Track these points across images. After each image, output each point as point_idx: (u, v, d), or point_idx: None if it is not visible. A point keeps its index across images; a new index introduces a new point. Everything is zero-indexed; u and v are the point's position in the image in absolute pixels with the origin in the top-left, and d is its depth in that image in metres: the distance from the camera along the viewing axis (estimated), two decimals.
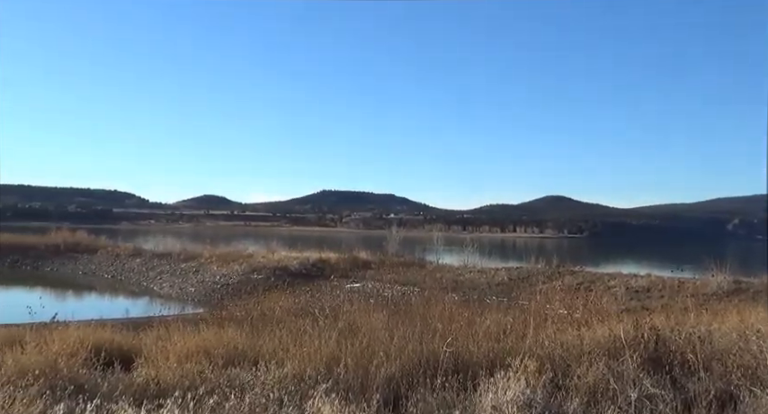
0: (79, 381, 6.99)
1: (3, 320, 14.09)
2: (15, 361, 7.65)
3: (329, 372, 7.00)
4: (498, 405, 5.49)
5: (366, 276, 35.49)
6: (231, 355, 8.27)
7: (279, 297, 19.96)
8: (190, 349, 8.39)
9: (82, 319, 12.88)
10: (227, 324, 11.54)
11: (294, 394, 6.24)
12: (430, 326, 8.83)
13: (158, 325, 11.66)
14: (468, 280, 32.72)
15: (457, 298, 19.92)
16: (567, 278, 30.59)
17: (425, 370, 6.85)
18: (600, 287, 26.58)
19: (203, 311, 24.21)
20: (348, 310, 13.49)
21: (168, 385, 6.85)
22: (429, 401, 5.88)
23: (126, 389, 6.71)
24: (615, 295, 24.52)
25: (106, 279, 41.50)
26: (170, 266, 41.37)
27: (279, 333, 9.55)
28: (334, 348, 7.65)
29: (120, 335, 10.25)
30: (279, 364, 7.44)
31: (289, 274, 36.06)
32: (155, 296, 34.67)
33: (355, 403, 5.82)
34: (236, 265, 38.60)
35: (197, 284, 36.87)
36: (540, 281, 30.20)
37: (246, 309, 17.25)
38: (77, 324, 11.08)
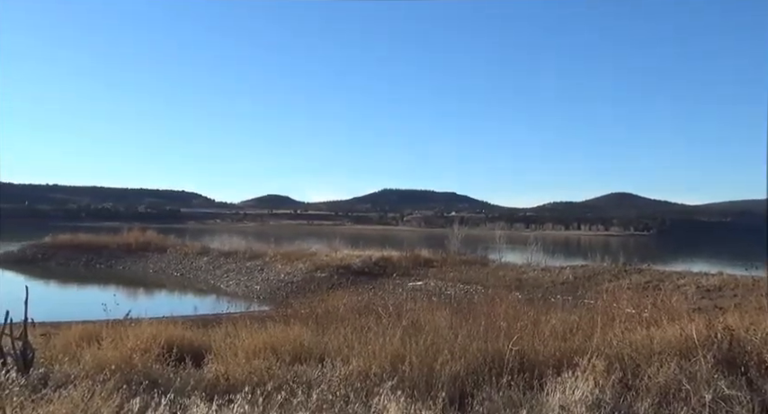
0: (153, 375, 7.22)
1: (80, 317, 14.60)
2: (93, 356, 7.96)
3: (394, 369, 7.03)
4: (566, 405, 5.42)
5: (428, 275, 35.43)
6: (297, 351, 8.39)
7: (342, 295, 20.11)
8: (257, 346, 8.54)
9: (154, 316, 13.27)
10: (292, 321, 11.70)
11: (360, 391, 6.30)
12: (494, 324, 8.76)
13: (226, 322, 11.89)
14: (532, 278, 32.32)
15: (520, 296, 19.72)
16: (635, 277, 29.89)
17: (490, 368, 6.82)
18: (669, 286, 25.87)
19: (269, 309, 24.63)
20: (411, 308, 13.51)
21: (237, 381, 7.00)
22: (495, 400, 5.85)
23: (197, 384, 6.90)
24: (685, 294, 23.79)
25: (175, 277, 42.60)
26: (236, 265, 42.17)
27: (343, 330, 9.63)
28: (398, 346, 7.68)
29: (190, 331, 10.50)
30: (344, 362, 7.52)
31: (351, 273, 36.32)
32: (221, 294, 35.45)
33: (421, 401, 5.83)
34: (299, 263, 39.08)
35: (262, 282, 37.49)
36: (607, 279, 29.61)
37: (311, 306, 17.45)
38: (150, 321, 11.42)
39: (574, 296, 22.49)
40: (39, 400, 5.91)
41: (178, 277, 42.48)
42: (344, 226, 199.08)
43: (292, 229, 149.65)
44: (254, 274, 39.57)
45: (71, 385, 6.40)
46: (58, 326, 12.50)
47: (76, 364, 7.80)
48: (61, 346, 9.35)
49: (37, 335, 9.20)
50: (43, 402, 5.78)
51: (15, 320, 7.98)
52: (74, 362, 8.02)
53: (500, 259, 40.25)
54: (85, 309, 18.44)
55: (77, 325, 11.57)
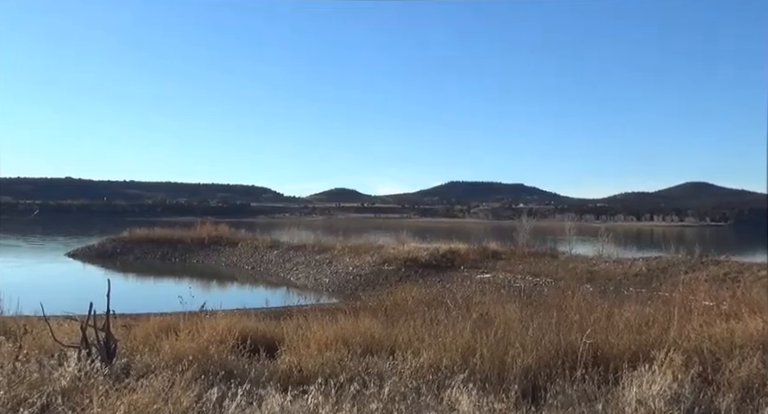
0: (228, 366, 7.40)
1: (157, 309, 15.06)
2: (171, 347, 8.21)
3: (465, 362, 7.01)
4: (643, 399, 5.30)
5: (496, 267, 35.10)
6: (368, 343, 8.45)
7: (410, 288, 20.14)
8: (329, 338, 8.64)
9: (227, 309, 13.59)
10: (362, 314, 11.79)
11: (431, 383, 6.31)
12: (566, 317, 8.64)
13: (297, 314, 12.05)
14: (603, 270, 31.62)
15: (592, 289, 19.35)
16: (712, 268, 28.87)
17: (563, 362, 6.73)
18: (748, 278, 24.89)
19: (338, 301, 24.91)
20: (480, 300, 13.45)
21: (310, 372, 7.11)
22: (569, 394, 5.77)
23: (271, 375, 7.04)
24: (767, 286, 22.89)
25: (246, 270, 43.47)
26: (305, 258, 42.71)
27: (413, 323, 9.65)
28: (468, 339, 7.65)
29: (263, 323, 10.71)
30: (415, 354, 7.53)
31: (419, 266, 36.27)
32: (291, 286, 36.00)
33: (493, 394, 5.80)
34: (367, 256, 39.29)
35: (331, 275, 37.89)
36: (682, 271, 28.70)
37: (380, 299, 17.56)
38: (224, 313, 11.70)
39: (648, 288, 21.91)
40: (122, 389, 6.14)
41: (249, 270, 43.33)
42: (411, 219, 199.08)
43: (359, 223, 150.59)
44: (322, 267, 40.01)
45: (152, 375, 6.62)
46: (137, 317, 12.90)
47: (156, 355, 8.07)
48: (141, 337, 9.67)
49: (118, 326, 9.54)
50: (126, 391, 5.99)
51: (98, 312, 8.31)
52: (153, 352, 8.30)
53: (570, 251, 39.52)
54: (162, 301, 19.02)
55: (155, 317, 11.94)
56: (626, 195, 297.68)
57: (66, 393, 6.05)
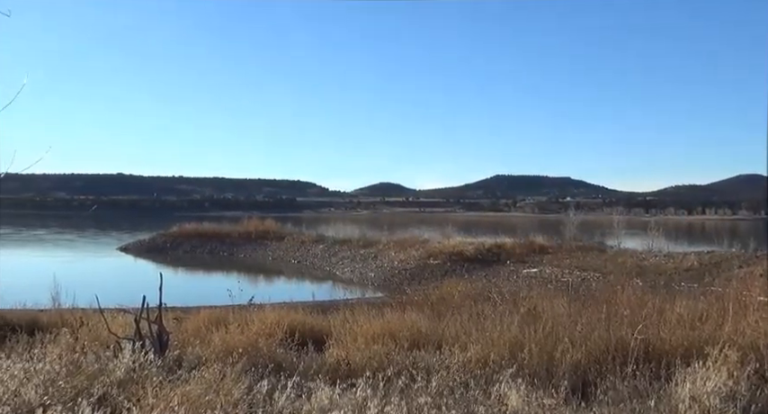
0: (277, 359, 7.50)
1: (207, 302, 15.35)
2: (221, 339, 8.36)
3: (513, 357, 6.97)
4: (697, 396, 5.19)
5: (543, 261, 34.75)
6: (415, 338, 8.47)
7: (456, 282, 20.10)
8: (375, 332, 8.68)
9: (275, 302, 13.78)
10: (408, 308, 11.82)
11: (479, 378, 6.30)
12: (616, 312, 8.50)
13: (343, 308, 12.15)
14: (653, 265, 31.03)
15: (641, 284, 19.02)
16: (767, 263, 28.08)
17: (614, 357, 6.64)
18: None
19: (383, 296, 25.00)
20: (527, 295, 13.35)
21: (357, 366, 7.16)
22: (620, 390, 5.69)
23: (319, 368, 7.11)
24: None
25: (293, 264, 43.90)
26: (350, 252, 42.91)
27: (460, 317, 9.64)
28: (516, 333, 7.61)
29: (310, 317, 10.81)
30: (462, 348, 7.52)
31: (464, 260, 36.12)
32: (337, 281, 36.25)
33: (542, 389, 5.75)
34: (412, 250, 39.29)
35: (376, 270, 38.00)
36: (736, 266, 27.98)
37: (425, 293, 17.58)
38: (272, 306, 11.86)
39: (700, 284, 21.45)
40: (175, 380, 6.28)
41: (295, 264, 43.75)
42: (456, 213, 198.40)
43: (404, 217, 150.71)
44: (367, 261, 40.16)
45: (203, 367, 6.74)
46: (188, 310, 13.16)
47: (206, 347, 8.22)
48: (192, 329, 9.87)
49: (170, 319, 9.76)
50: (179, 383, 6.13)
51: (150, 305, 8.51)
52: (204, 345, 8.45)
53: (618, 245, 38.87)
54: (211, 294, 19.42)
55: (205, 310, 12.19)
56: (677, 188, 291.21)
57: (122, 384, 6.21)
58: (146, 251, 49.98)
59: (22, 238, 66.71)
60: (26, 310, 13.31)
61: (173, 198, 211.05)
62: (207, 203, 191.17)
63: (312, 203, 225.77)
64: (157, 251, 49.63)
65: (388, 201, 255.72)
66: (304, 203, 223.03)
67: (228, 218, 65.87)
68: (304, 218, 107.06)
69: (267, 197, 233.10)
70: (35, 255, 48.57)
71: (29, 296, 14.74)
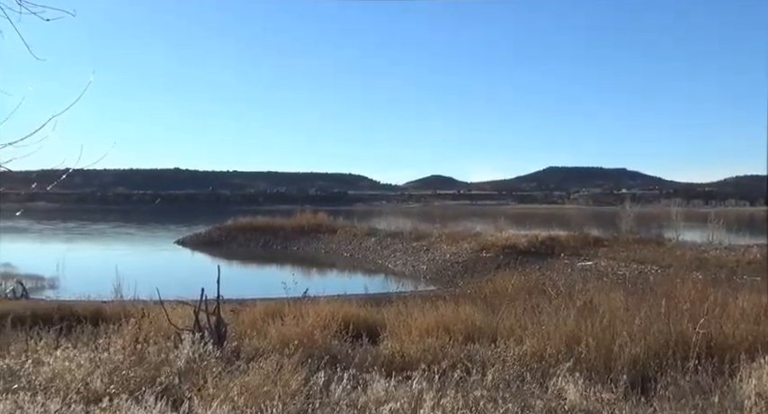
0: (333, 351, 7.58)
1: (262, 294, 15.57)
2: (278, 331, 8.48)
3: (569, 350, 6.89)
4: (764, 392, 5.05)
5: (598, 254, 34.17)
6: (469, 330, 8.44)
7: (510, 275, 19.93)
8: (429, 324, 8.69)
9: (329, 295, 13.92)
10: (462, 301, 11.78)
11: (535, 372, 6.25)
12: (676, 306, 8.31)
13: (397, 301, 12.18)
14: (714, 258, 30.19)
15: (702, 277, 18.54)
16: None
17: (674, 352, 6.51)
18: None
19: (436, 288, 24.98)
20: (583, 288, 13.16)
21: (412, 358, 7.18)
22: (681, 385, 5.57)
23: (374, 360, 7.15)
24: None
25: (345, 257, 44.19)
26: (402, 245, 42.94)
27: (514, 311, 9.57)
28: (573, 327, 7.52)
29: (364, 309, 10.86)
30: (517, 342, 7.47)
31: (517, 253, 35.77)
32: (389, 273, 36.35)
33: (600, 383, 5.68)
34: (464, 243, 39.10)
35: (428, 262, 37.98)
36: None
37: (478, 286, 17.49)
38: (326, 299, 11.99)
39: (764, 277, 20.79)
40: (234, 371, 6.41)
41: (348, 257, 44.02)
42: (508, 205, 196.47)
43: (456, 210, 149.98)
44: (419, 254, 40.14)
45: (260, 358, 6.85)
46: (243, 303, 13.33)
47: (263, 339, 8.36)
48: (248, 321, 10.03)
49: (227, 311, 9.93)
50: (238, 373, 6.26)
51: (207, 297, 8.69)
52: (261, 336, 8.60)
53: (677, 238, 37.94)
54: (266, 287, 19.65)
55: (261, 302, 12.37)
56: (738, 179, 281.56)
57: (183, 374, 6.37)
58: (202, 244, 50.97)
59: (86, 232, 68.93)
60: (90, 301, 13.76)
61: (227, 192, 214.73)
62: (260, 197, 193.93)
63: (364, 196, 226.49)
64: (213, 244, 50.54)
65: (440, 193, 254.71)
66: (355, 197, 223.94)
67: (281, 211, 66.58)
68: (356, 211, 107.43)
69: (319, 191, 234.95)
70: (98, 248, 50.12)
71: (93, 288, 15.27)
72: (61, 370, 6.46)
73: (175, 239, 54.99)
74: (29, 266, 28.34)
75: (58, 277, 26.89)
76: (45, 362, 6.76)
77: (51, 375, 6.36)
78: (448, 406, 5.06)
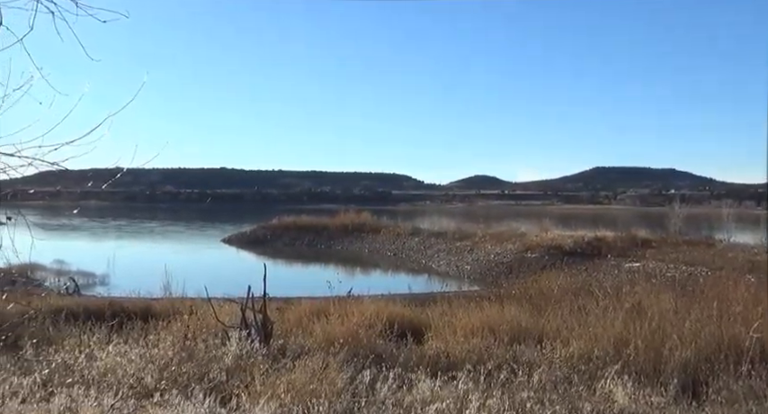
0: (378, 350, 7.61)
1: (306, 293, 15.70)
2: (323, 330, 8.55)
3: (617, 353, 6.80)
4: None
5: (646, 256, 33.50)
6: (515, 331, 8.38)
7: (555, 276, 19.70)
8: (474, 325, 8.66)
9: (373, 294, 13.94)
10: (506, 302, 11.69)
11: (583, 374, 6.18)
12: (728, 309, 8.13)
13: (441, 301, 12.14)
14: None
15: (754, 280, 18.08)
16: None
17: (726, 356, 6.37)
18: None
19: (480, 289, 24.81)
20: (630, 290, 12.94)
21: (457, 358, 7.16)
22: (734, 390, 5.45)
23: (419, 360, 7.16)
24: None
25: (388, 257, 44.19)
26: (446, 245, 42.72)
27: (561, 312, 9.47)
28: (621, 329, 7.42)
29: (408, 309, 10.87)
30: (564, 343, 7.40)
31: (563, 253, 35.30)
32: (433, 273, 36.22)
33: (649, 387, 5.59)
34: (509, 244, 38.74)
35: (472, 262, 37.75)
36: None
37: (523, 287, 17.31)
38: (370, 298, 12.02)
39: None
40: (280, 368, 6.49)
41: (391, 257, 44.00)
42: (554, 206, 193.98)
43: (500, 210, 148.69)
44: (463, 254, 39.91)
45: (306, 356, 6.92)
46: (289, 301, 13.47)
47: (308, 337, 8.44)
48: (294, 319, 10.13)
49: (272, 309, 10.05)
50: (284, 371, 6.33)
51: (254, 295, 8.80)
52: (306, 335, 8.69)
53: (728, 239, 36.98)
54: (310, 285, 19.81)
55: (306, 301, 12.48)
56: None
57: (231, 371, 6.47)
58: (247, 243, 51.53)
59: (136, 230, 70.41)
60: (140, 298, 14.05)
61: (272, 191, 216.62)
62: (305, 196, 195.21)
63: (407, 196, 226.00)
64: (258, 243, 51.04)
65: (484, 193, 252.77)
66: (399, 196, 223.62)
67: (326, 211, 66.90)
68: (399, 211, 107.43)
69: (363, 190, 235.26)
70: (147, 246, 51.15)
71: (142, 285, 15.59)
72: (113, 365, 6.63)
73: (221, 238, 55.73)
74: (81, 263, 29.02)
75: (109, 274, 27.49)
76: (98, 357, 6.94)
77: (104, 370, 6.53)
78: (494, 407, 5.04)
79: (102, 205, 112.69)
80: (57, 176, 4.55)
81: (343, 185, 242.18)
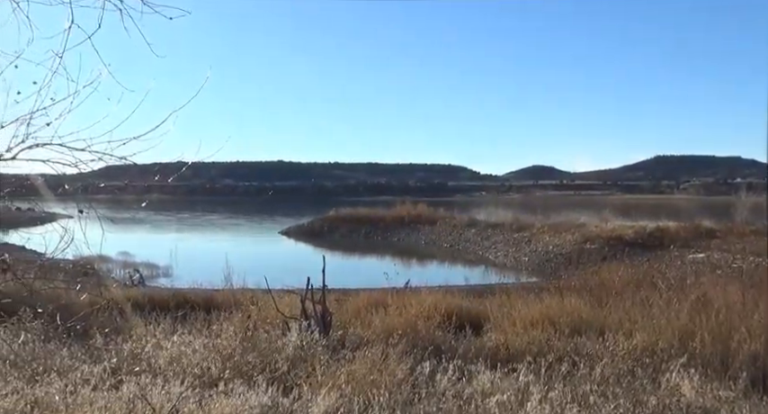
0: (436, 341, 7.61)
1: (363, 285, 15.78)
2: (381, 321, 8.60)
3: (683, 346, 6.65)
4: None
5: (710, 246, 32.54)
6: (576, 323, 8.27)
7: (616, 267, 19.33)
8: (534, 316, 8.58)
9: (430, 286, 13.93)
10: (566, 293, 11.53)
11: (647, 367, 6.06)
12: None
13: (499, 292, 12.06)
14: None
15: None
16: None
17: None
18: None
19: (538, 280, 24.55)
20: (695, 281, 12.64)
21: (517, 350, 7.11)
22: None
23: (478, 351, 7.14)
24: None
25: (445, 248, 44.05)
26: (503, 236, 42.32)
27: (623, 304, 9.30)
28: (686, 321, 7.25)
29: (466, 301, 10.84)
30: (626, 336, 7.27)
31: (624, 244, 34.55)
32: (489, 264, 35.97)
33: (717, 381, 5.44)
34: (567, 235, 38.13)
35: (530, 254, 37.32)
36: None
37: (583, 278, 17.07)
38: (428, 290, 12.02)
39: None
40: (340, 359, 6.55)
41: (448, 248, 43.84)
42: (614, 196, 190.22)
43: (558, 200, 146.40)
44: (521, 245, 39.48)
45: (365, 347, 6.97)
46: (346, 292, 13.57)
47: (367, 328, 8.49)
48: (352, 310, 10.21)
49: (331, 300, 10.15)
50: (344, 362, 6.39)
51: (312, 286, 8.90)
52: (364, 326, 8.74)
53: None
54: (368, 277, 19.92)
55: (363, 292, 12.55)
56: None
57: (292, 361, 6.56)
58: (304, 235, 52.08)
59: (197, 223, 72.01)
60: (203, 289, 14.35)
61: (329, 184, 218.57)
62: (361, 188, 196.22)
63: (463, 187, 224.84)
64: (315, 235, 51.52)
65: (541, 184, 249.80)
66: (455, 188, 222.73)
67: (382, 202, 67.07)
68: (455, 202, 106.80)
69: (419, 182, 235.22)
70: (208, 238, 52.26)
71: (204, 276, 15.93)
72: (178, 354, 6.81)
73: (279, 230, 56.49)
74: (145, 255, 29.84)
75: (171, 265, 28.16)
76: (163, 346, 7.13)
77: (170, 359, 6.71)
78: (556, 400, 4.99)
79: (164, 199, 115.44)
80: (121, 170, 4.68)
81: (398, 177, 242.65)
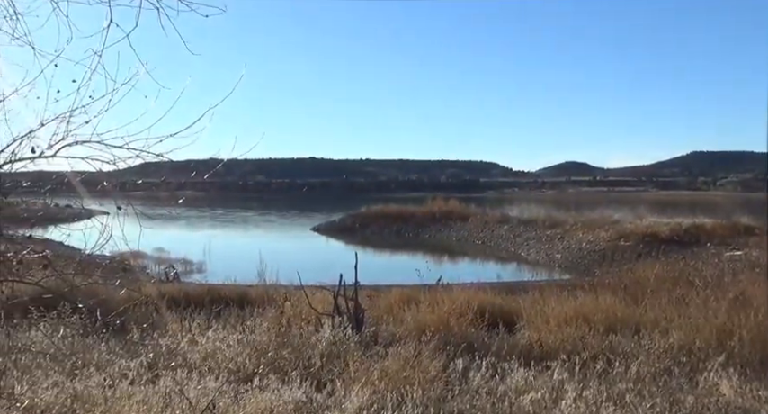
0: (468, 338, 7.59)
1: (395, 281, 15.78)
2: (413, 318, 8.61)
3: (720, 344, 6.55)
4: None
5: (749, 244, 31.93)
6: (610, 321, 8.19)
7: (651, 265, 19.05)
8: (568, 314, 8.50)
9: (462, 282, 13.89)
10: (600, 291, 11.41)
11: (684, 366, 5.98)
12: None
13: (532, 289, 11.98)
14: None
15: None
16: None
17: None
18: None
19: (572, 277, 24.33)
20: (733, 280, 12.43)
21: (550, 348, 7.06)
22: None
23: (511, 349, 7.10)
24: None
25: (476, 245, 43.87)
26: (535, 233, 41.99)
27: (658, 302, 9.18)
28: (724, 320, 7.13)
29: (499, 298, 10.78)
30: (662, 334, 7.18)
31: (659, 242, 34.08)
32: (522, 261, 35.75)
33: (756, 380, 5.35)
34: (601, 231, 37.73)
35: (563, 251, 37.00)
36: None
37: (618, 276, 16.86)
38: (460, 286, 12.00)
39: None
40: (373, 355, 6.57)
41: (479, 245, 43.66)
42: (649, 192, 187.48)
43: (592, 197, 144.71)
44: (554, 242, 39.15)
45: (398, 344, 6.98)
46: (378, 289, 13.59)
47: (399, 325, 8.51)
48: (384, 307, 10.23)
49: (363, 297, 10.18)
50: (377, 358, 6.41)
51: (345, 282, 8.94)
52: (397, 322, 8.76)
53: None
54: (399, 273, 19.92)
55: (396, 288, 12.56)
56: None
57: (325, 357, 6.60)
58: (336, 231, 52.23)
59: (231, 219, 72.69)
60: (236, 285, 14.48)
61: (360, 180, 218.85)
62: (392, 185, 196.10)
63: (495, 184, 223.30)
64: (347, 231, 51.64)
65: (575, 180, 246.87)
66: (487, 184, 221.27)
67: (413, 199, 67.01)
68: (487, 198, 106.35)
69: (450, 178, 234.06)
70: (241, 234, 52.76)
71: (237, 272, 16.09)
72: (213, 350, 6.89)
73: (311, 226, 56.73)
74: (180, 251, 30.18)
75: (206, 261, 28.45)
76: (198, 341, 7.23)
77: (205, 354, 6.79)
78: (590, 398, 4.95)
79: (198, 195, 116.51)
80: (156, 167, 4.75)
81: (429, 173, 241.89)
